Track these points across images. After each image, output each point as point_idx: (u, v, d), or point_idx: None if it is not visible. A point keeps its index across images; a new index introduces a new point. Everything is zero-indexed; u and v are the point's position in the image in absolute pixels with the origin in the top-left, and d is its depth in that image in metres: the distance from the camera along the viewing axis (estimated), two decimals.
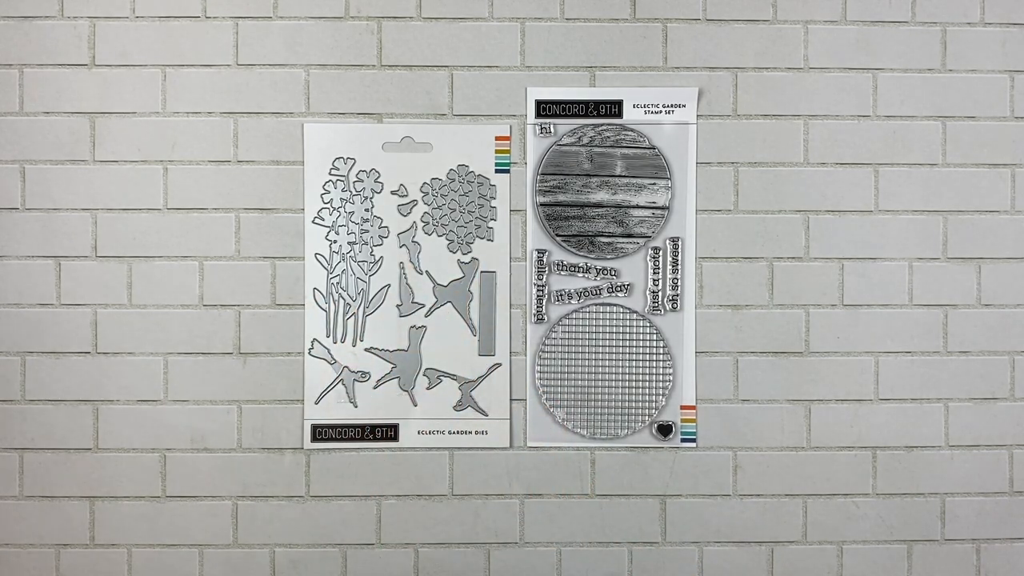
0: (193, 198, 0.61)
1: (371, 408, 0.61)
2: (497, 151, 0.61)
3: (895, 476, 0.62)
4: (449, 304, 0.62)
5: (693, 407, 0.61)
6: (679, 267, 0.61)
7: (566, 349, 0.62)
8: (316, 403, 0.61)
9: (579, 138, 0.61)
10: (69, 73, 0.61)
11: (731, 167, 0.62)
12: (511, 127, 0.61)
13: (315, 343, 0.61)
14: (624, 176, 0.61)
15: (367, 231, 0.61)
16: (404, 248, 0.61)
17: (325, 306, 0.61)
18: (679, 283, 0.61)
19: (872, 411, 0.62)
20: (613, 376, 0.62)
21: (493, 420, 0.61)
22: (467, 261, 0.62)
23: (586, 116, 0.61)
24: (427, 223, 0.61)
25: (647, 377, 0.62)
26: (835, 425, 0.62)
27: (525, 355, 0.61)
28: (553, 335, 0.62)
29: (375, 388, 0.61)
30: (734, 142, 0.61)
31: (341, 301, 0.61)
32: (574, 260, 0.62)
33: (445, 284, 0.62)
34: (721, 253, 0.61)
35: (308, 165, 0.61)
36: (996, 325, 0.62)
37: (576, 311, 0.62)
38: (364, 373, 0.61)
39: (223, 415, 0.61)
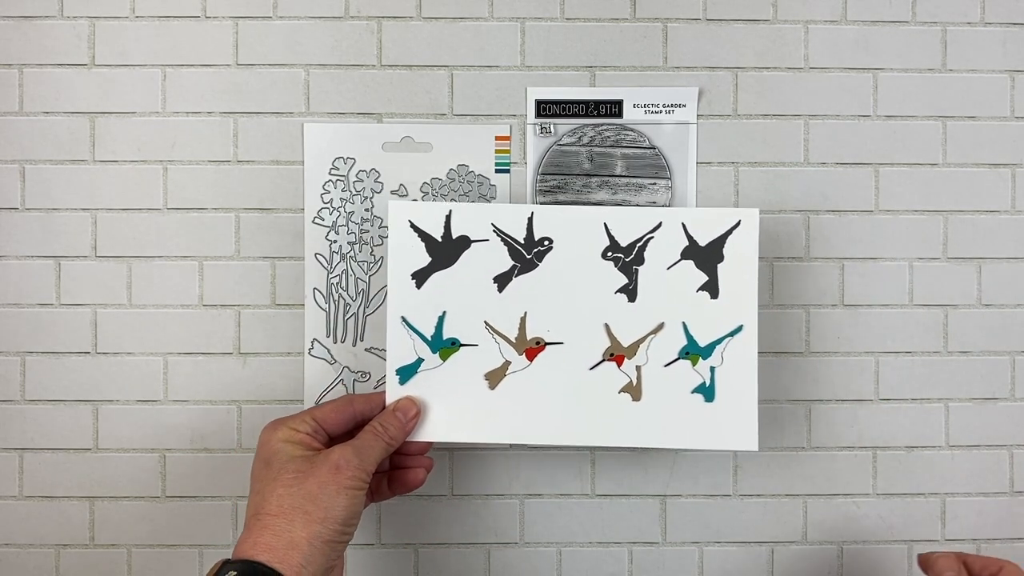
0: (193, 198, 0.61)
1: None
2: (497, 151, 0.61)
3: (895, 476, 0.62)
4: None
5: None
6: None
7: None
8: (316, 403, 0.61)
9: (579, 138, 0.61)
10: (69, 73, 0.61)
11: (731, 167, 0.62)
12: (511, 127, 0.61)
13: (315, 343, 0.61)
14: (624, 176, 0.61)
15: (367, 231, 0.61)
16: None
17: (325, 306, 0.61)
18: None
19: (872, 411, 0.62)
20: None
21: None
22: None
23: (586, 116, 0.61)
24: None
25: None
26: (835, 425, 0.62)
27: None
28: None
29: (375, 388, 0.61)
30: (734, 142, 0.62)
31: (341, 301, 0.61)
32: None
33: None
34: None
35: (308, 165, 0.61)
36: (996, 325, 0.62)
37: None
38: (364, 373, 0.61)
39: (223, 415, 0.61)
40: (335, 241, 0.61)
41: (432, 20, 0.61)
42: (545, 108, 0.61)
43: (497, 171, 0.61)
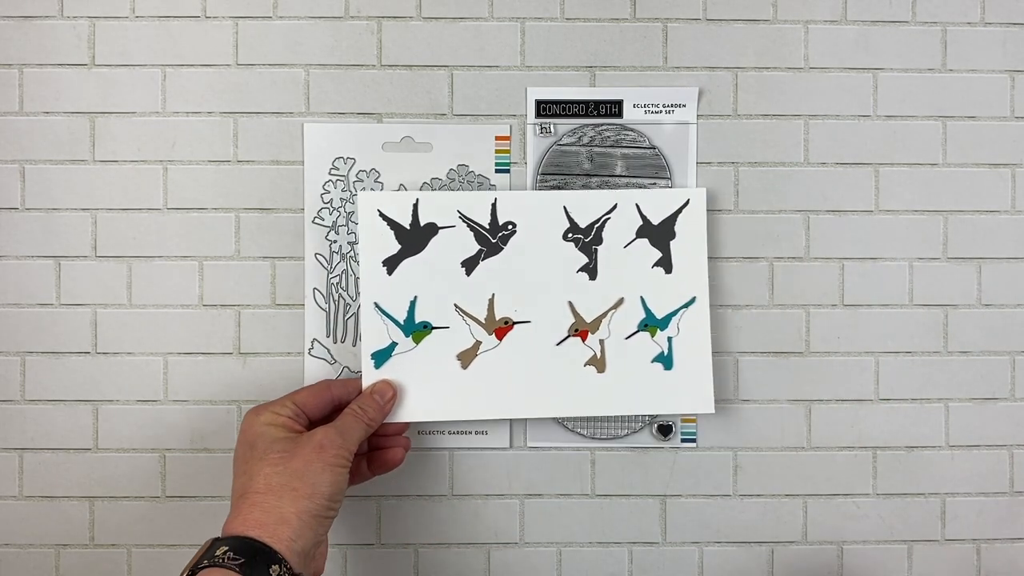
0: (193, 198, 0.61)
1: None
2: (497, 151, 0.61)
3: (895, 476, 0.62)
4: None
5: (688, 414, 0.61)
6: None
7: None
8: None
9: (579, 138, 0.61)
10: (69, 73, 0.61)
11: (731, 167, 0.62)
12: (511, 127, 0.61)
13: (315, 343, 0.61)
14: (624, 176, 0.61)
15: None
16: None
17: (325, 306, 0.61)
18: None
19: (872, 411, 0.62)
20: None
21: (493, 421, 0.61)
22: None
23: (586, 116, 0.61)
24: None
25: None
26: (835, 425, 0.62)
27: None
28: None
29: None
30: (734, 142, 0.62)
31: (341, 301, 0.61)
32: None
33: None
34: (721, 253, 0.61)
35: (308, 165, 0.61)
36: (996, 325, 0.62)
37: None
38: None
39: (223, 415, 0.61)
40: (335, 241, 0.61)
41: (432, 20, 0.61)
42: (545, 108, 0.61)
43: (497, 171, 0.61)
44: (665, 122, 0.61)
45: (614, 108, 0.61)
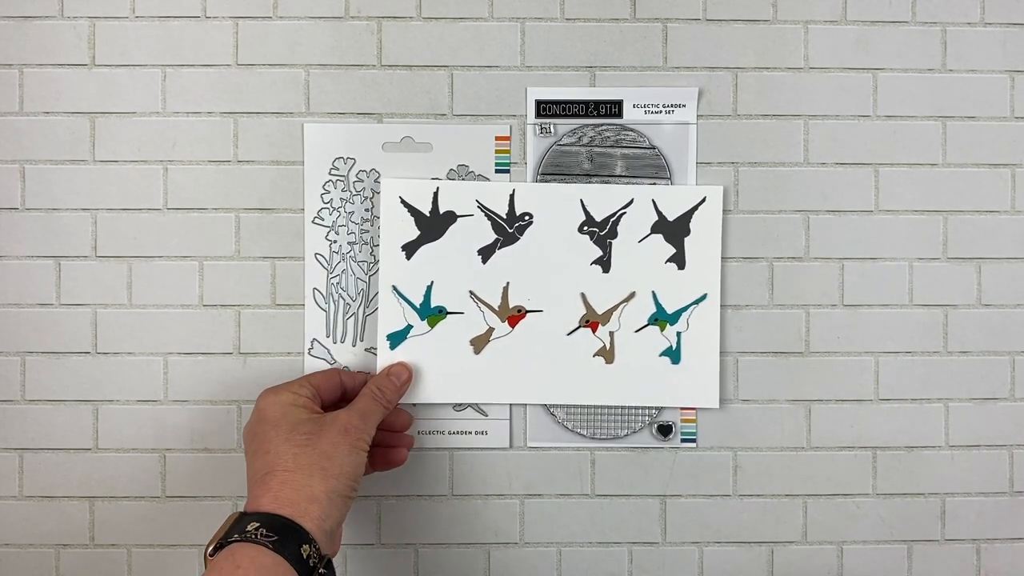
0: (193, 198, 0.61)
1: None
2: (497, 151, 0.61)
3: (895, 476, 0.62)
4: None
5: (693, 407, 0.61)
6: None
7: None
8: None
9: (579, 138, 0.61)
10: (69, 73, 0.61)
11: (731, 167, 0.62)
12: (511, 127, 0.61)
13: (315, 343, 0.61)
14: (624, 176, 0.61)
15: (367, 231, 0.61)
16: None
17: (325, 306, 0.61)
18: None
19: (872, 411, 0.62)
20: None
21: (493, 420, 0.61)
22: None
23: (586, 116, 0.61)
24: None
25: None
26: (835, 425, 0.62)
27: None
28: None
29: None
30: (734, 142, 0.62)
31: (341, 301, 0.61)
32: None
33: None
34: (721, 253, 0.61)
35: (308, 165, 0.61)
36: (996, 325, 0.62)
37: None
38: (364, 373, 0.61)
39: (223, 415, 0.61)
40: (335, 241, 0.61)
41: (432, 20, 0.61)
42: (545, 108, 0.61)
43: (497, 171, 0.61)
44: (665, 122, 0.61)
45: (614, 108, 0.61)
